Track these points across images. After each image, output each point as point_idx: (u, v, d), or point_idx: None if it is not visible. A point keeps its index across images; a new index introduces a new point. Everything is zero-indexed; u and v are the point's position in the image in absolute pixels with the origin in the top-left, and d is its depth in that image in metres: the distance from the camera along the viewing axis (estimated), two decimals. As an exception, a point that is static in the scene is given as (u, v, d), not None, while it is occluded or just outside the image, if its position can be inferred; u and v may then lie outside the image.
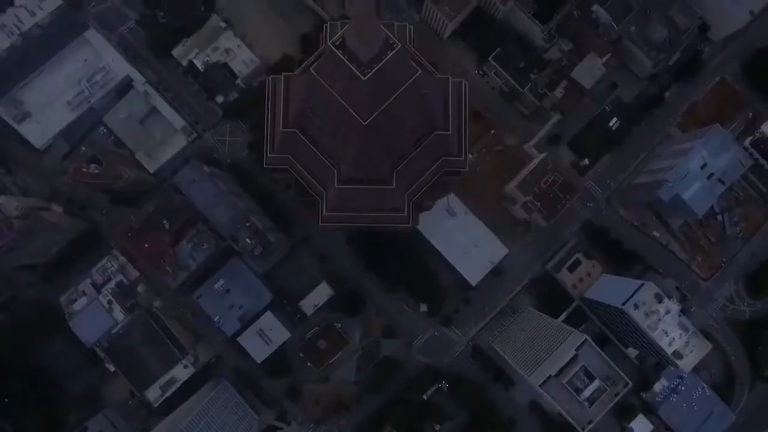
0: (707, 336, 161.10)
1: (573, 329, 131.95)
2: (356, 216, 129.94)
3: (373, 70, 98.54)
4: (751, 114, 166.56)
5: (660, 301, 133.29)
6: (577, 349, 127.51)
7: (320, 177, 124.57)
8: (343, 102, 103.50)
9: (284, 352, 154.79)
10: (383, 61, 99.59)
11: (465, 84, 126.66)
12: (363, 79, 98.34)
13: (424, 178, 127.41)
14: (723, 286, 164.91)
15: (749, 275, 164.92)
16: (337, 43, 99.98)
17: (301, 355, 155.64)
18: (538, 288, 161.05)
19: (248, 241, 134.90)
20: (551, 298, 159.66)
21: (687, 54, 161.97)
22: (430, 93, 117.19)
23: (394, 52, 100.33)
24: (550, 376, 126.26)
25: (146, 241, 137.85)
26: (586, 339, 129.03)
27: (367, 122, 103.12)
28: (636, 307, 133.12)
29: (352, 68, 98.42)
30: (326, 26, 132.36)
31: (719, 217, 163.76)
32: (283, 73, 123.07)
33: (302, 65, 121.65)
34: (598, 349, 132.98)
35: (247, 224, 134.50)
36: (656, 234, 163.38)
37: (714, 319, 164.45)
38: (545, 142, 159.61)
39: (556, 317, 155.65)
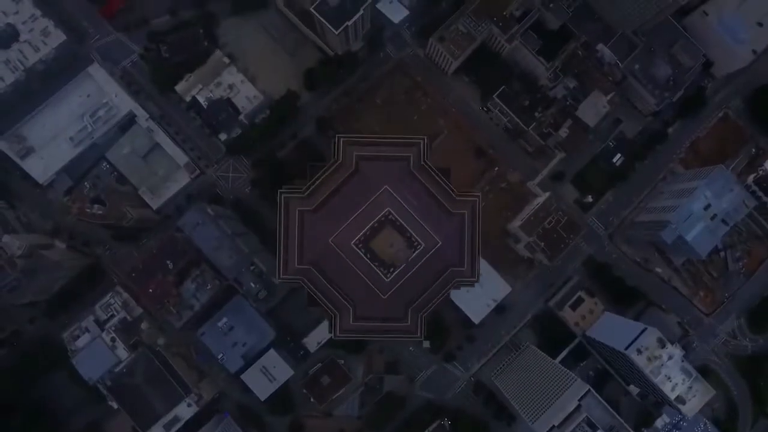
0: (709, 371, 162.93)
1: (576, 377, 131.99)
2: (369, 334, 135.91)
3: (398, 271, 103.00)
4: (754, 150, 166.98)
5: (663, 346, 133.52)
6: (580, 399, 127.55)
7: (334, 304, 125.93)
8: (364, 278, 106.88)
9: (287, 388, 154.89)
10: (407, 262, 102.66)
11: (479, 202, 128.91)
12: (386, 280, 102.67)
13: (436, 299, 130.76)
14: (725, 321, 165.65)
15: (751, 311, 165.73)
16: (360, 242, 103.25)
17: (304, 390, 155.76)
18: (541, 324, 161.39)
19: (252, 285, 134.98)
20: (553, 334, 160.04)
21: (690, 90, 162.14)
22: (448, 246, 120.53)
23: (417, 252, 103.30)
24: (553, 426, 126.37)
25: (150, 282, 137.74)
26: (589, 389, 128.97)
27: (386, 296, 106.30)
28: (639, 351, 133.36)
29: (376, 269, 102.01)
30: (335, 140, 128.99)
31: (722, 253, 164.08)
32: (298, 208, 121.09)
33: (313, 181, 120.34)
34: (601, 399, 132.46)
35: (251, 267, 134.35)
36: (658, 270, 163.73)
37: (716, 354, 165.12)
38: (549, 178, 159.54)
39: (559, 353, 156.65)
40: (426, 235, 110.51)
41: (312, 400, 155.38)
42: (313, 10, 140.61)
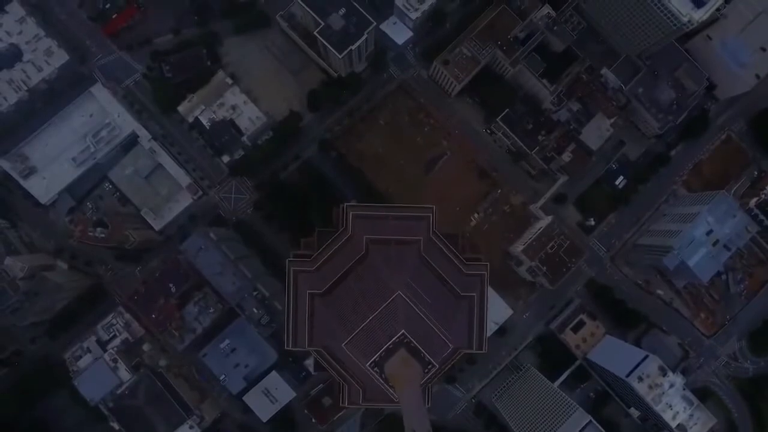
0: (710, 393, 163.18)
1: (577, 406, 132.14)
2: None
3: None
4: (756, 172, 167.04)
5: (664, 374, 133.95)
6: (581, 430, 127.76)
7: (344, 379, 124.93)
8: (377, 381, 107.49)
9: (289, 409, 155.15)
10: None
11: (486, 274, 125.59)
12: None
13: (443, 373, 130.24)
14: (726, 343, 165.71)
15: (753, 333, 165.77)
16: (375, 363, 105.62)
17: (305, 411, 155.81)
18: (542, 346, 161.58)
19: (255, 310, 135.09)
20: (554, 356, 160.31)
21: (693, 112, 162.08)
22: (458, 341, 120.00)
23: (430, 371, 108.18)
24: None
25: (153, 307, 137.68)
26: (590, 421, 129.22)
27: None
28: (640, 379, 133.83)
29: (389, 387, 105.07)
30: (343, 208, 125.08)
31: (723, 276, 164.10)
32: (308, 291, 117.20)
33: (322, 253, 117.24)
34: (602, 428, 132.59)
35: (254, 293, 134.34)
36: (660, 292, 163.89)
37: (717, 376, 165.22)
38: (551, 201, 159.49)
39: (560, 375, 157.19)
40: (439, 346, 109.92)
41: (313, 420, 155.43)
42: (317, 34, 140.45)
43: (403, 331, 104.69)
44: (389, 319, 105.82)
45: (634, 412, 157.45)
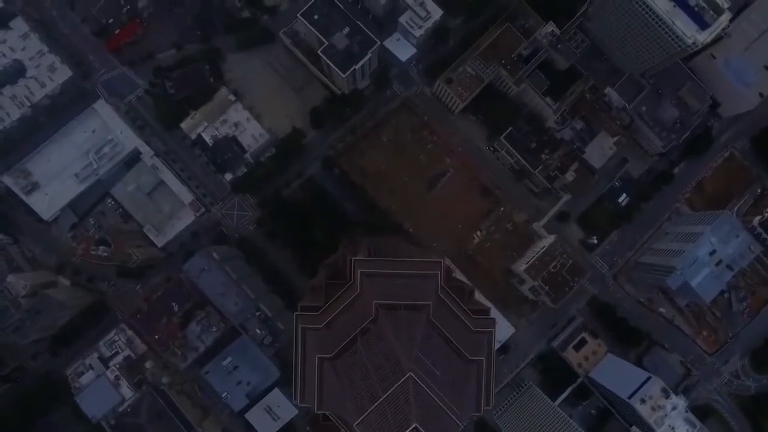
0: (712, 411, 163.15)
1: (578, 427, 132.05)
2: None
3: None
4: (759, 190, 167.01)
5: (667, 397, 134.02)
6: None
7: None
8: None
9: (292, 427, 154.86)
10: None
11: (494, 332, 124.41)
12: None
13: None
14: (728, 361, 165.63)
15: (755, 351, 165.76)
16: None
17: (308, 429, 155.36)
18: (544, 364, 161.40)
19: (258, 331, 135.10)
20: (556, 373, 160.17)
21: (697, 130, 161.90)
22: (468, 411, 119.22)
23: None
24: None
25: (155, 326, 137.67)
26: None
27: None
28: (642, 401, 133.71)
29: None
30: (351, 263, 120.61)
31: (726, 294, 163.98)
32: (317, 355, 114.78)
33: (330, 309, 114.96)
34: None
35: (257, 314, 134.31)
36: (662, 310, 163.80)
37: (719, 394, 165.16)
38: (554, 219, 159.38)
39: (561, 392, 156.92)
40: (449, 425, 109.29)
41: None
42: (320, 53, 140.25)
43: (415, 425, 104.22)
44: (401, 403, 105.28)
45: (636, 431, 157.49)
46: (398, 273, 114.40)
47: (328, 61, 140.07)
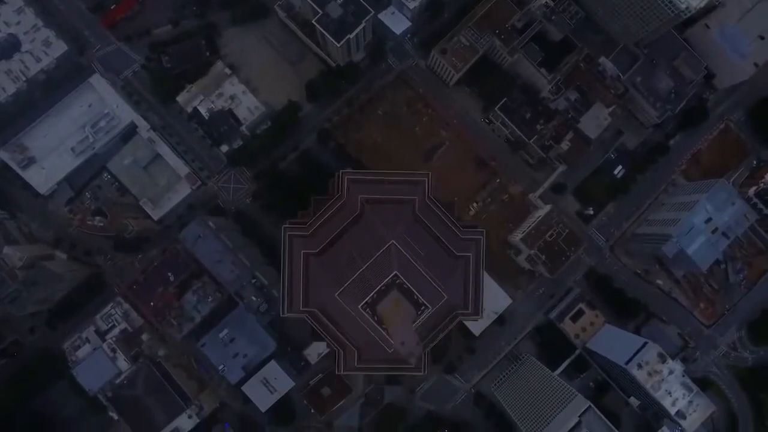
0: (709, 383, 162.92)
1: (576, 393, 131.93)
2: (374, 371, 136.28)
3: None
4: (755, 162, 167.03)
5: (663, 361, 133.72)
6: (580, 416, 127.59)
7: (339, 343, 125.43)
8: (371, 333, 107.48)
9: (288, 399, 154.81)
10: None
11: (483, 240, 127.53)
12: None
13: (439, 337, 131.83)
14: (726, 332, 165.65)
15: (752, 322, 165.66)
16: (367, 305, 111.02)
17: (305, 401, 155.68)
18: (541, 336, 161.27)
19: (253, 298, 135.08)
20: (554, 345, 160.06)
21: (692, 101, 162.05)
22: (453, 295, 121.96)
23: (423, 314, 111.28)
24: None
25: (151, 296, 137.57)
26: (590, 406, 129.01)
27: (392, 348, 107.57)
28: (639, 366, 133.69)
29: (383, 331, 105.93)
30: (338, 175, 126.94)
31: (723, 265, 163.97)
32: (303, 251, 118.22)
33: (317, 218, 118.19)
34: (602, 414, 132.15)
35: (253, 281, 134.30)
36: (659, 281, 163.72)
37: (716, 366, 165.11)
38: (550, 190, 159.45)
39: (559, 364, 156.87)
40: (433, 293, 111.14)
41: (312, 411, 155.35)
42: (315, 23, 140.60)
43: (395, 272, 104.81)
44: (382, 266, 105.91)
45: (634, 402, 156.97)
46: (385, 179, 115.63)
47: (323, 30, 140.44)
